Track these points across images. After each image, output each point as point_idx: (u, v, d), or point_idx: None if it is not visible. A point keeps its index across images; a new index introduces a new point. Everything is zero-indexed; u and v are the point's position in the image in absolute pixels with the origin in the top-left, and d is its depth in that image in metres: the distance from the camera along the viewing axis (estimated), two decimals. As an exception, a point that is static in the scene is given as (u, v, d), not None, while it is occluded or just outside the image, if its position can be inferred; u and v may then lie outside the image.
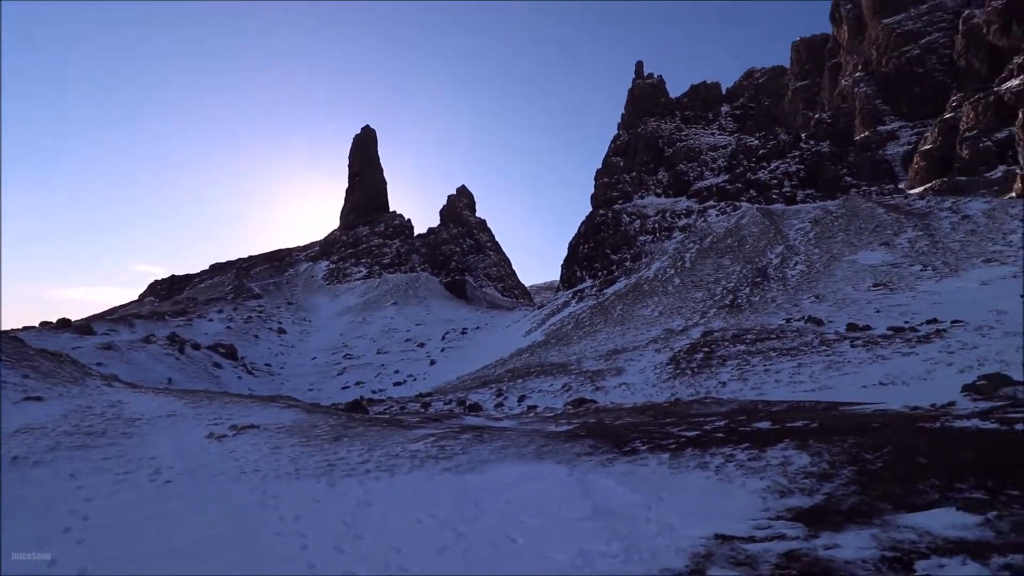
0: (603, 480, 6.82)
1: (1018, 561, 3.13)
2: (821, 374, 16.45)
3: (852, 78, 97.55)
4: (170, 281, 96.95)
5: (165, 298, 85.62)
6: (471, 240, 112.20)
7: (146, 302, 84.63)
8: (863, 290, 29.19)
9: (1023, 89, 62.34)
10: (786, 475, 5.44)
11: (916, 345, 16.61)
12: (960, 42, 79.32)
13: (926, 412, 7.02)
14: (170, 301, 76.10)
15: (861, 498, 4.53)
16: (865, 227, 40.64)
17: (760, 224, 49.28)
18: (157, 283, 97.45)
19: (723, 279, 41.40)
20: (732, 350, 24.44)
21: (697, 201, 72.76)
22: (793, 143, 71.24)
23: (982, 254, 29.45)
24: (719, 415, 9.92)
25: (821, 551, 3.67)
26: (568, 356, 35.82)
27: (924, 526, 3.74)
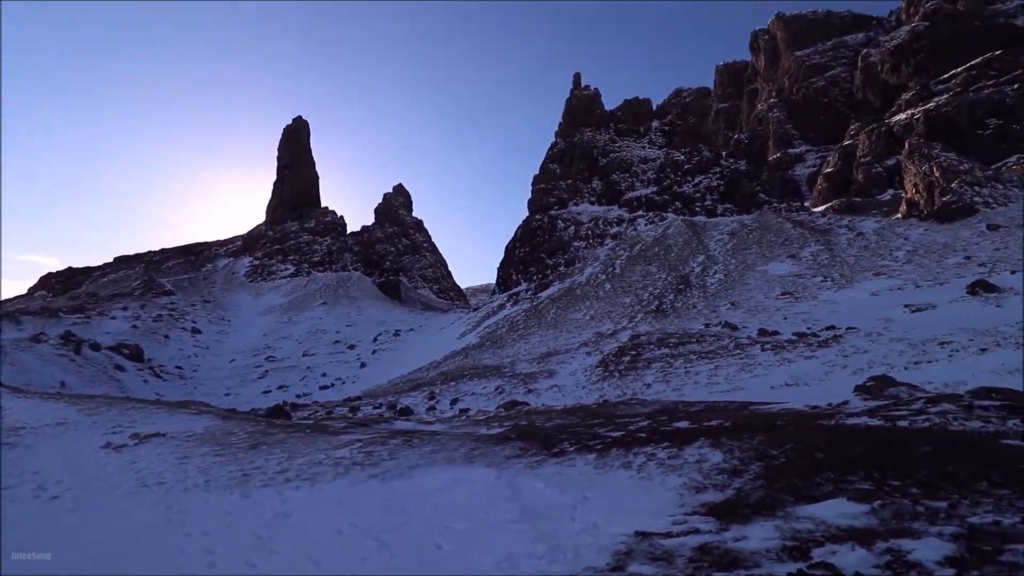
0: (532, 482, 6.89)
1: (898, 545, 3.49)
2: (735, 376, 17.60)
3: (767, 103, 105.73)
4: (66, 274, 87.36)
5: (60, 292, 77.04)
6: (407, 240, 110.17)
7: (36, 296, 75.79)
8: (773, 298, 31.63)
9: (909, 122, 70.26)
10: (701, 472, 5.76)
11: (817, 349, 18.21)
12: (859, 77, 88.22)
13: (824, 411, 7.69)
14: (66, 296, 68.60)
15: (767, 492, 4.87)
16: (775, 240, 44.08)
17: (684, 234, 52.06)
18: (51, 276, 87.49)
19: (650, 285, 43.30)
20: (657, 353, 25.57)
21: (628, 210, 75.77)
22: (715, 160, 76.02)
23: (873, 268, 32.85)
24: (643, 416, 10.34)
25: (731, 543, 3.90)
26: (502, 359, 35.97)
27: (820, 516, 4.08)
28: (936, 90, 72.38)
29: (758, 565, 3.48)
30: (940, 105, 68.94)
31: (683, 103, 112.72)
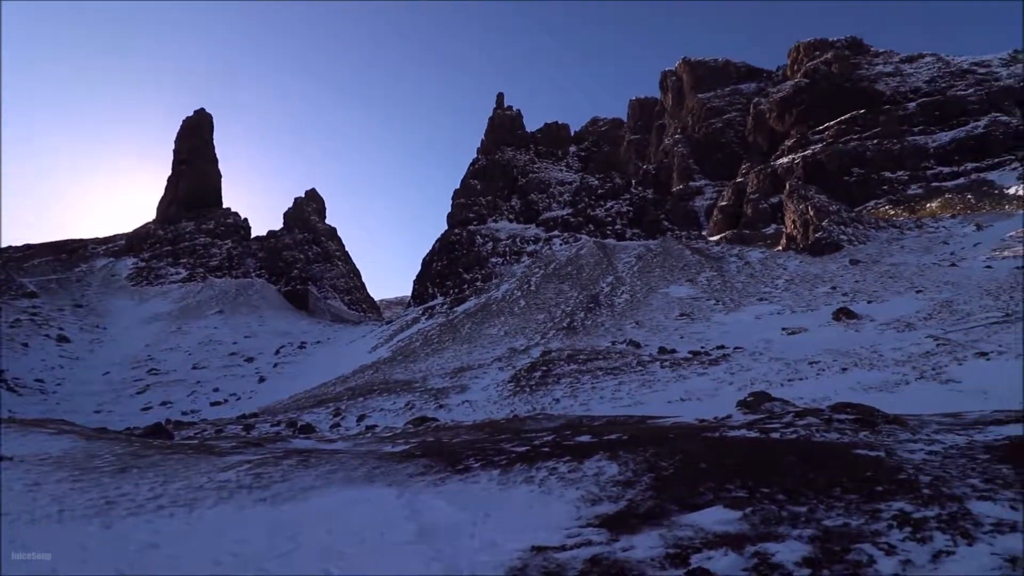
0: (433, 500, 6.74)
1: (764, 548, 3.80)
2: (637, 391, 18.55)
3: (673, 139, 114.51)
4: None
5: None
6: (318, 248, 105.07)
7: None
8: (672, 318, 33.91)
9: (790, 166, 79.24)
10: (598, 484, 5.95)
11: (708, 367, 19.72)
12: (750, 122, 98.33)
13: (709, 424, 8.30)
14: None
15: (655, 502, 5.13)
16: (676, 265, 47.47)
17: (596, 256, 54.48)
18: None
19: (563, 303, 44.68)
20: (567, 369, 26.32)
21: (544, 230, 78.05)
22: (625, 187, 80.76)
23: (757, 294, 36.39)
24: (549, 430, 10.55)
25: (619, 553, 4.05)
26: (414, 373, 35.19)
27: (699, 523, 4.36)
28: (813, 139, 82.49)
29: (643, 573, 3.63)
30: (815, 153, 78.58)
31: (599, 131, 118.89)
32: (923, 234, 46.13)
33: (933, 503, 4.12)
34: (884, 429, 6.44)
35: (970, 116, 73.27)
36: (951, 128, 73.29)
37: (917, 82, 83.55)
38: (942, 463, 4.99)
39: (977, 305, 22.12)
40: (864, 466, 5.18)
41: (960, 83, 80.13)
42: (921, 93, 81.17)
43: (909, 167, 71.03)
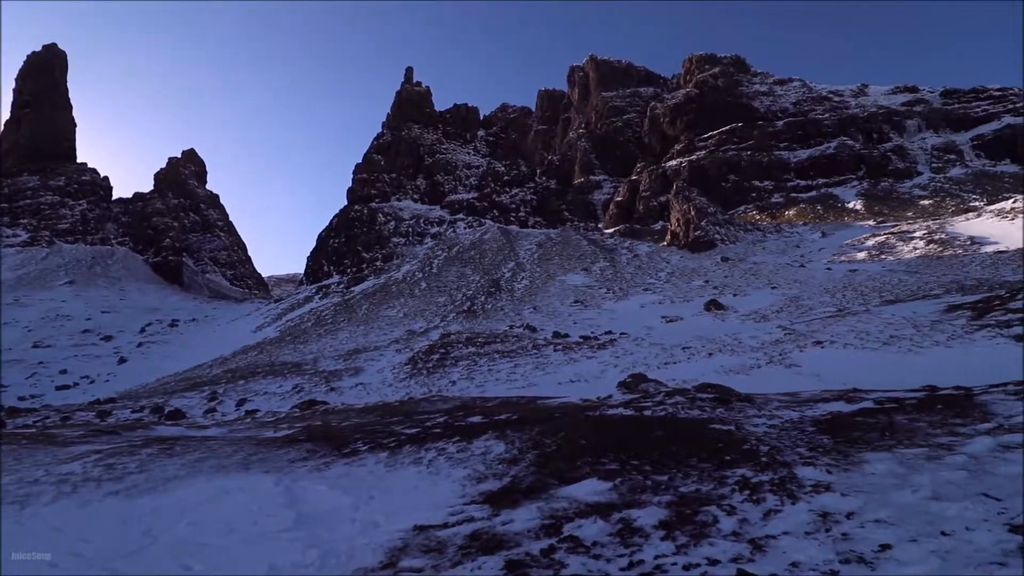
0: (315, 486, 6.49)
1: (628, 515, 4.15)
2: (531, 373, 19.22)
3: (576, 133, 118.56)
4: None
5: None
6: (196, 216, 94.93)
7: None
8: (567, 305, 35.50)
9: (678, 168, 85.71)
10: (485, 463, 6.11)
11: (597, 350, 20.97)
12: (646, 124, 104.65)
13: (592, 403, 8.85)
14: None
15: (537, 477, 5.38)
16: (574, 254, 49.61)
17: (499, 241, 55.15)
18: None
19: (464, 286, 44.78)
20: (465, 352, 26.52)
21: (449, 212, 77.30)
22: (530, 176, 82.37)
23: (643, 284, 39.25)
24: (442, 412, 10.58)
25: (499, 527, 4.20)
26: (304, 355, 33.38)
27: (574, 495, 4.65)
28: (698, 146, 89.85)
29: (519, 544, 3.81)
30: (700, 158, 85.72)
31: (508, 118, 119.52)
32: (781, 237, 52.59)
33: (768, 469, 4.76)
34: (737, 406, 7.31)
35: (824, 137, 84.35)
36: (809, 147, 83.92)
37: (785, 103, 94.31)
38: (779, 435, 5.79)
39: (818, 301, 25.84)
40: (718, 438, 5.85)
41: (819, 108, 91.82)
42: (788, 113, 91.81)
43: (774, 178, 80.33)
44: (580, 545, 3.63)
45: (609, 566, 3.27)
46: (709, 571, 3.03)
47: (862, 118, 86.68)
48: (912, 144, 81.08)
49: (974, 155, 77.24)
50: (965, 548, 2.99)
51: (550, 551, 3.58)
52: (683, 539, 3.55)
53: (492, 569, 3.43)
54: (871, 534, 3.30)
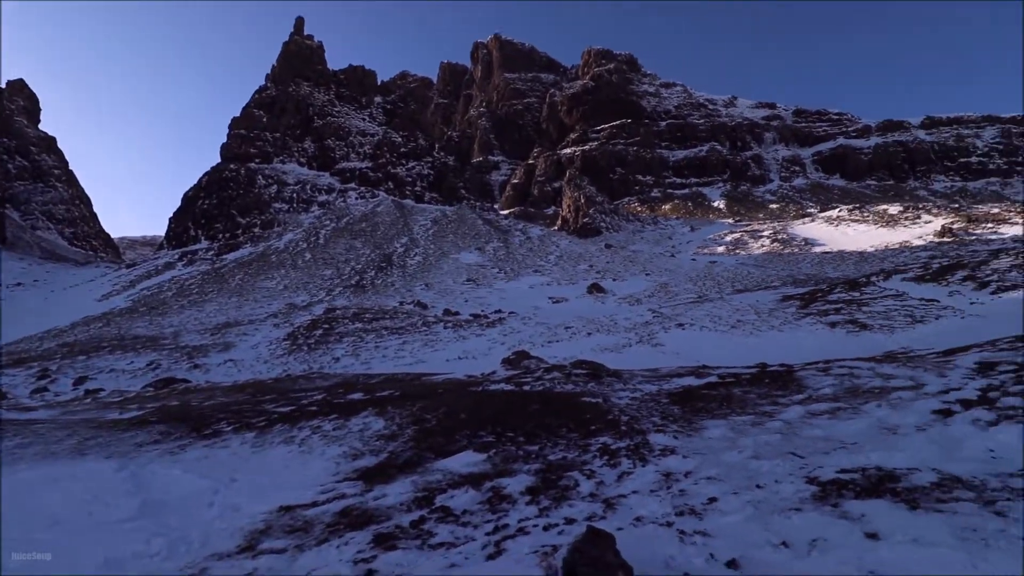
0: (167, 471, 5.90)
1: (499, 484, 4.33)
2: (419, 350, 19.08)
3: (478, 111, 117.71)
4: None
5: None
6: (25, 161, 79.44)
7: None
8: (460, 283, 35.61)
9: (572, 157, 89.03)
10: (362, 439, 5.99)
11: (486, 328, 21.38)
12: (545, 111, 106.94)
13: (476, 379, 9.04)
14: None
15: (415, 452, 5.41)
16: (468, 233, 49.69)
17: (393, 215, 53.41)
18: None
19: (353, 260, 42.84)
20: (351, 327, 25.52)
21: (340, 180, 72.95)
22: (428, 150, 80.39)
23: (534, 265, 40.60)
24: (321, 389, 10.14)
25: (371, 502, 4.17)
26: (163, 328, 29.89)
27: (450, 468, 4.75)
28: (591, 137, 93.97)
29: (390, 518, 3.81)
30: (592, 149, 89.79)
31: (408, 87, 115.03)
32: (657, 229, 57.30)
33: (627, 437, 5.25)
34: (606, 381, 7.93)
35: (698, 141, 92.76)
36: (685, 148, 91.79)
37: (669, 105, 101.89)
38: (638, 406, 6.39)
39: (683, 288, 28.72)
40: (586, 410, 6.30)
41: (696, 113, 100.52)
42: (670, 115, 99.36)
43: (655, 174, 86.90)
44: (450, 514, 3.73)
45: (476, 532, 3.41)
46: (566, 529, 3.29)
47: (730, 127, 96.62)
48: (767, 154, 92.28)
49: (813, 168, 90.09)
50: (773, 498, 3.57)
51: (420, 522, 3.64)
52: (546, 502, 3.80)
53: (359, 544, 3.41)
54: (703, 489, 3.81)
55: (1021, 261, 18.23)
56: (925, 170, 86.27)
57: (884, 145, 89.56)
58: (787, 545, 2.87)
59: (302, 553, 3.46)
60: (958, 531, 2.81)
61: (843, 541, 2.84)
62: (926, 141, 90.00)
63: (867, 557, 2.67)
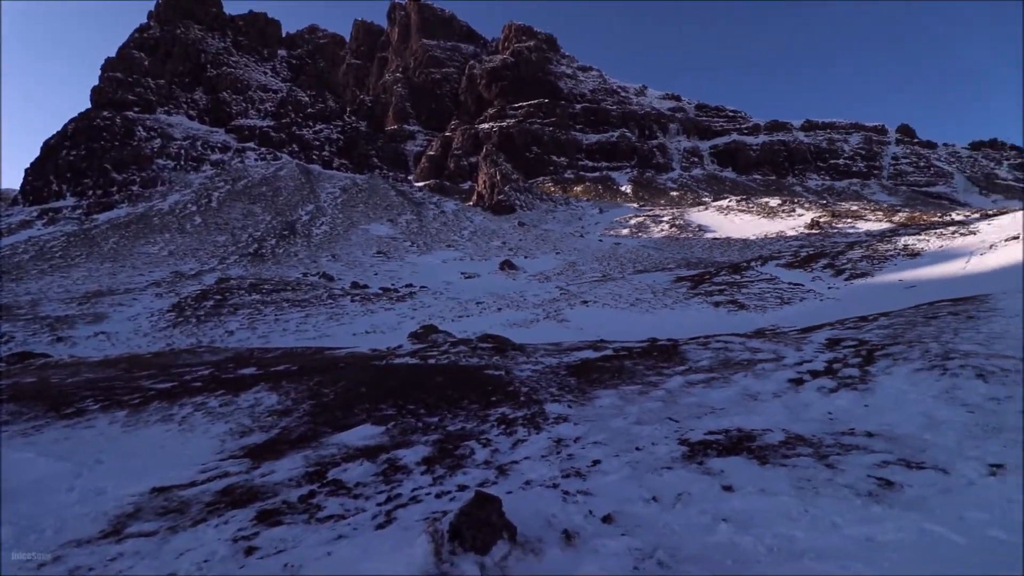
0: (17, 454, 5.22)
1: (395, 455, 4.32)
2: (324, 324, 18.28)
3: (393, 76, 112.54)
4: None
5: None
6: None
7: None
8: (369, 255, 34.40)
9: (489, 132, 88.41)
10: (252, 416, 5.68)
11: (396, 302, 20.94)
12: (464, 83, 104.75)
13: (381, 353, 8.87)
14: None
15: (310, 427, 5.22)
16: (380, 204, 47.94)
17: (297, 180, 50.03)
18: None
19: (251, 226, 39.73)
20: (247, 299, 23.83)
21: (237, 138, 66.72)
22: (339, 113, 75.74)
23: (447, 240, 40.21)
24: (208, 364, 9.41)
25: (257, 479, 3.99)
26: (17, 296, 26.08)
27: (346, 441, 4.66)
28: (509, 113, 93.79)
29: (277, 494, 3.67)
30: (509, 126, 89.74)
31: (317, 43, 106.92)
32: (568, 210, 59.02)
33: (524, 407, 5.45)
34: (510, 354, 8.13)
35: (610, 126, 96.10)
36: (598, 132, 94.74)
37: (584, 89, 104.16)
38: (538, 378, 6.64)
39: (589, 267, 30.01)
40: (489, 382, 6.44)
41: (609, 99, 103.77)
42: (585, 99, 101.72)
43: (568, 155, 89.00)
44: (342, 488, 3.67)
45: (368, 503, 3.39)
46: (458, 496, 3.37)
47: (640, 115, 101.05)
48: (671, 144, 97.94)
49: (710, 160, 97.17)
50: (649, 458, 3.90)
51: (309, 496, 3.55)
52: (441, 471, 3.87)
53: (241, 522, 3.26)
54: (589, 453, 4.07)
55: (870, 253, 21.16)
56: (802, 168, 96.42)
57: (770, 143, 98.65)
58: (657, 500, 3.16)
59: (175, 535, 3.25)
60: (796, 482, 3.26)
61: (704, 494, 3.19)
62: (804, 142, 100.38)
63: (722, 507, 3.02)
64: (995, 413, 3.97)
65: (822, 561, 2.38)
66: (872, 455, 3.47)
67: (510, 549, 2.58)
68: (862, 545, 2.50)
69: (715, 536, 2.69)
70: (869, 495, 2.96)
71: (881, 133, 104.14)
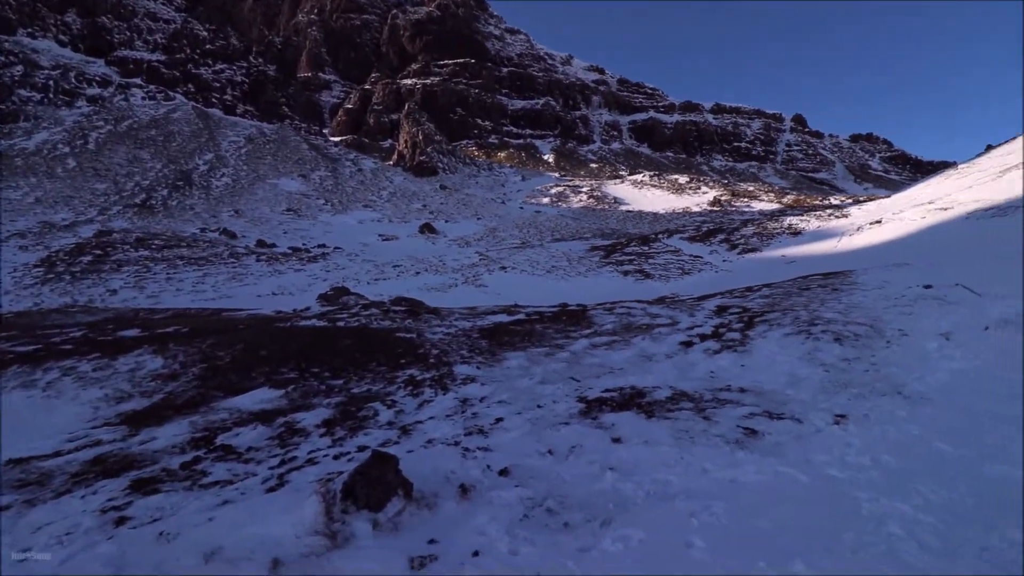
0: None
1: (294, 418, 4.17)
2: (224, 284, 16.99)
3: (308, 18, 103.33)
4: None
5: None
6: None
7: None
8: (278, 212, 32.16)
9: (412, 89, 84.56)
10: (132, 380, 5.20)
11: (307, 263, 19.88)
12: (386, 33, 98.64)
13: (286, 315, 8.43)
14: None
15: (200, 391, 4.88)
16: (291, 157, 44.64)
17: (194, 125, 45.10)
18: None
19: (138, 174, 35.51)
20: (133, 255, 21.50)
21: (120, 72, 58.47)
22: (244, 53, 68.62)
23: (364, 200, 38.50)
24: (82, 325, 8.43)
25: (135, 447, 3.68)
26: None
27: (239, 406, 4.41)
28: (434, 71, 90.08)
29: (156, 462, 3.42)
30: (433, 84, 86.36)
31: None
32: (491, 175, 58.60)
33: (433, 368, 5.46)
34: (424, 317, 8.06)
35: (536, 93, 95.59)
36: (523, 98, 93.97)
37: (511, 53, 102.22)
38: (450, 341, 6.66)
39: (509, 234, 30.22)
40: (400, 345, 6.36)
41: (536, 65, 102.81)
42: (512, 63, 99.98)
43: (493, 120, 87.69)
44: (232, 453, 3.50)
45: (259, 467, 3.26)
46: (356, 456, 3.33)
47: (565, 84, 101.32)
48: (593, 116, 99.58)
49: (628, 135, 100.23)
50: (548, 415, 4.07)
51: (194, 463, 3.34)
52: (342, 433, 3.79)
53: (112, 492, 3.00)
54: (493, 412, 4.17)
55: (760, 230, 23.16)
56: (709, 149, 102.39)
57: (683, 123, 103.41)
58: (552, 453, 3.33)
59: (33, 508, 2.94)
60: (676, 433, 3.56)
61: (595, 446, 3.40)
62: (713, 124, 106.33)
63: (610, 457, 3.24)
64: (845, 371, 4.56)
65: (690, 501, 2.64)
66: (742, 408, 3.86)
67: (404, 505, 2.60)
68: (726, 486, 2.80)
69: (601, 484, 2.89)
70: (736, 443, 3.30)
71: (778, 121, 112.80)
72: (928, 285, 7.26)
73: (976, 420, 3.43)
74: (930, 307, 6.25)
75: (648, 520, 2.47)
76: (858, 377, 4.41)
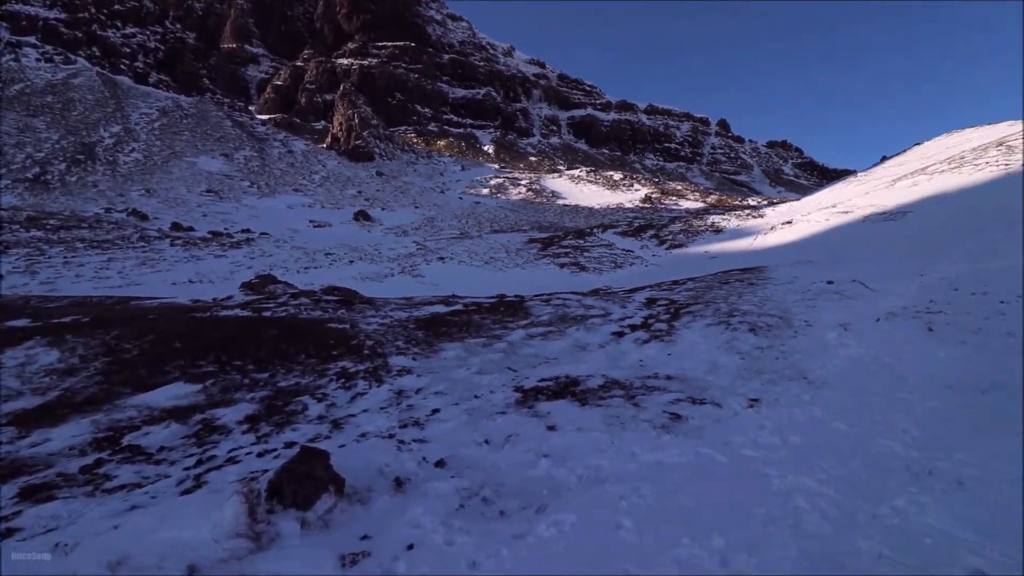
0: None
1: (213, 415, 3.91)
2: (132, 270, 15.59)
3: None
4: None
5: None
6: None
7: None
8: (196, 193, 29.87)
9: (348, 70, 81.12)
10: (20, 376, 4.66)
11: (229, 249, 18.63)
12: (321, 8, 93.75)
13: (204, 304, 7.87)
14: None
15: (102, 387, 4.46)
16: (212, 134, 41.55)
17: (99, 93, 40.82)
18: None
19: (30, 145, 31.71)
20: (23, 236, 19.27)
21: (10, 30, 51.59)
22: (158, 17, 62.75)
23: (294, 184, 36.62)
24: (-42, 314, 7.42)
25: (25, 450, 3.31)
26: None
27: (149, 402, 4.08)
28: (372, 52, 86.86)
29: (51, 466, 3.09)
30: (372, 66, 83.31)
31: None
32: (430, 164, 57.59)
33: (368, 360, 5.30)
34: (358, 307, 7.80)
35: (477, 83, 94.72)
36: (465, 87, 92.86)
37: (453, 40, 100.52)
38: (385, 331, 6.50)
39: (448, 224, 29.88)
40: (331, 336, 6.12)
41: (478, 55, 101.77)
42: (453, 50, 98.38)
43: (433, 107, 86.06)
44: (141, 454, 3.23)
45: (173, 468, 3.03)
46: (283, 453, 3.18)
47: (506, 76, 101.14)
48: (533, 110, 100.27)
49: (567, 130, 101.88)
50: (485, 405, 4.08)
51: (95, 466, 3.05)
52: (267, 429, 3.60)
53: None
54: (429, 403, 4.12)
55: (687, 227, 24.39)
56: (642, 148, 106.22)
57: (618, 121, 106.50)
58: (488, 442, 3.34)
59: None
60: (608, 419, 3.68)
61: (530, 434, 3.45)
62: (646, 124, 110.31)
63: (544, 444, 3.30)
64: (759, 359, 4.91)
65: (620, 484, 2.75)
66: (668, 394, 4.06)
67: (336, 501, 2.52)
68: (652, 468, 2.94)
69: (536, 471, 2.94)
70: (663, 427, 3.47)
71: (705, 124, 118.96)
72: (830, 281, 7.95)
73: (867, 401, 3.81)
74: (831, 300, 6.85)
75: (580, 504, 2.54)
76: (770, 364, 4.76)
